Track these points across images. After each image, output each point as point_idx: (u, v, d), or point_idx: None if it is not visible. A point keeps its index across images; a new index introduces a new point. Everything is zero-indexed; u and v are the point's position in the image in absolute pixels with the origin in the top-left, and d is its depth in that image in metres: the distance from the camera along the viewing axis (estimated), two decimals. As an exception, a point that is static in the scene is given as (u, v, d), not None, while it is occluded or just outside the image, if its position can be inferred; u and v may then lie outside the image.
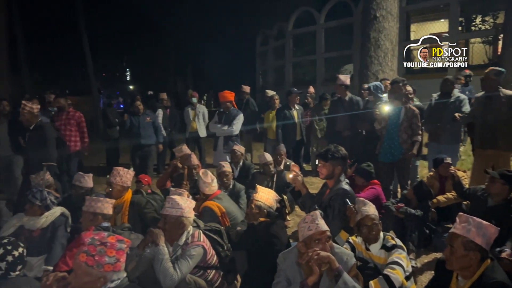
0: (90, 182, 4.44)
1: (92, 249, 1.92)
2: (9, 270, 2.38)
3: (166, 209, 2.88)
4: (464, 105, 5.53)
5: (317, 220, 2.44)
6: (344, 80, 6.39)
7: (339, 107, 6.41)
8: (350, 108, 6.29)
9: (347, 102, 6.36)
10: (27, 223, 3.64)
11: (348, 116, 6.28)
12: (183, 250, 2.88)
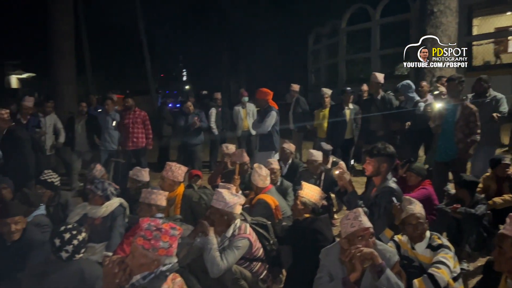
0: (147, 176, 4.72)
1: (148, 233, 2.08)
2: (75, 253, 2.63)
3: (213, 201, 3.03)
4: (502, 104, 5.24)
5: (360, 217, 2.46)
6: (380, 78, 6.24)
7: (371, 106, 6.27)
8: (383, 107, 6.13)
9: (379, 101, 6.21)
10: (90, 212, 3.96)
11: (381, 115, 6.14)
12: (230, 241, 3.02)
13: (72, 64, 10.08)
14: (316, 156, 5.19)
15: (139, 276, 2.07)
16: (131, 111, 7.00)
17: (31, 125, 6.40)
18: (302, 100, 8.56)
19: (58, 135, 6.92)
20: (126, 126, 6.91)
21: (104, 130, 7.01)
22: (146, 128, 7.04)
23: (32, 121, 6.45)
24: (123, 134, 6.99)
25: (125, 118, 6.98)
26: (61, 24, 9.73)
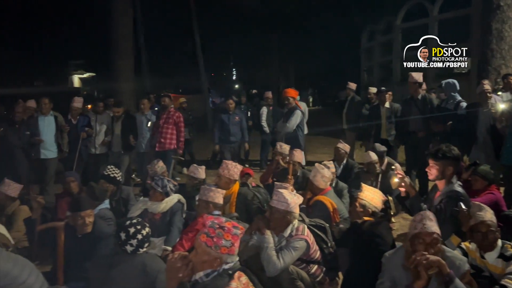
0: (203, 173, 4.84)
1: (211, 231, 2.11)
2: (138, 247, 2.73)
3: (273, 202, 3.02)
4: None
5: (425, 220, 2.36)
6: (417, 78, 5.95)
7: (411, 107, 5.99)
8: (424, 108, 5.83)
9: (420, 101, 5.91)
10: (150, 207, 4.11)
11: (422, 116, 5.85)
12: (288, 241, 3.00)
13: (130, 64, 10.53)
14: (373, 158, 5.05)
15: (202, 273, 2.11)
16: (165, 111, 6.88)
17: (81, 125, 6.58)
18: (357, 99, 8.38)
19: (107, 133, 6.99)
20: (157, 126, 6.83)
21: (139, 131, 6.96)
22: (178, 130, 6.84)
23: (82, 120, 6.64)
24: (155, 135, 6.89)
25: (160, 118, 6.90)
26: (121, 26, 10.19)
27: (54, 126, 6.12)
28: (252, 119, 9.49)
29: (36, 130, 5.85)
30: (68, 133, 6.34)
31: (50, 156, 6.09)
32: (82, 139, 6.42)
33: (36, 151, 5.88)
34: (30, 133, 5.75)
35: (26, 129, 5.71)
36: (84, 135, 6.46)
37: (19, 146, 5.72)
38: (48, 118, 6.09)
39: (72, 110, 6.58)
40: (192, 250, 2.23)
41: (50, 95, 6.54)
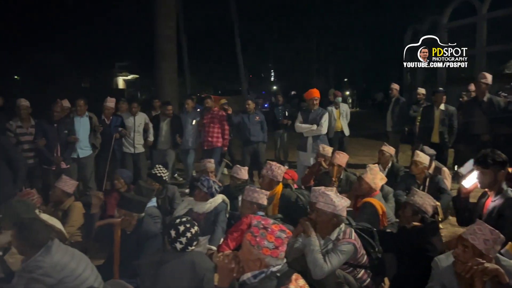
0: (246, 174, 4.88)
1: (256, 230, 2.13)
2: (188, 245, 2.79)
3: (320, 203, 3.00)
4: None
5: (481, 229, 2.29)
6: (489, 79, 5.68)
7: (475, 108, 5.70)
8: (489, 110, 5.54)
9: (485, 103, 5.62)
10: (195, 207, 4.20)
11: (487, 119, 5.56)
12: (334, 244, 2.98)
13: (174, 66, 10.74)
14: (422, 159, 4.90)
15: (250, 275, 2.13)
16: (209, 111, 7.24)
17: (114, 125, 6.72)
18: (402, 101, 8.17)
19: (148, 134, 7.13)
20: (204, 126, 7.19)
21: (184, 129, 7.23)
22: (223, 128, 7.22)
23: (115, 121, 6.78)
24: (201, 134, 7.24)
25: (204, 118, 7.26)
26: (164, 28, 10.43)
27: (88, 127, 6.36)
28: (291, 120, 9.46)
29: (72, 129, 6.12)
30: (102, 133, 6.52)
31: (86, 154, 6.35)
32: (115, 139, 6.58)
33: (73, 150, 6.14)
34: (68, 132, 5.99)
35: (64, 128, 5.95)
36: (117, 135, 6.61)
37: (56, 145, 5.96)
38: (83, 119, 6.33)
39: (105, 109, 6.75)
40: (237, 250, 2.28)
41: (96, 96, 6.80)
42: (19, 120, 5.72)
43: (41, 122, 5.83)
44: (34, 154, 5.79)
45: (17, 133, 5.66)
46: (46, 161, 5.80)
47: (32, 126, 5.80)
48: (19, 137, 5.66)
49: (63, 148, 5.91)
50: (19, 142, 5.65)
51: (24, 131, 5.72)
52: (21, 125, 5.72)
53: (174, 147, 7.20)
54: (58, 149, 5.87)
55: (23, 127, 5.73)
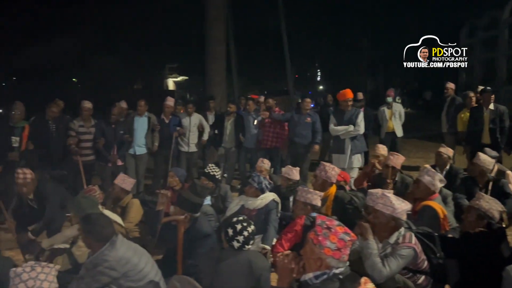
0: (297, 175, 4.86)
1: (319, 229, 2.11)
2: (245, 243, 2.82)
3: (378, 205, 2.92)
4: None
5: None
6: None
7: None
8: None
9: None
10: (246, 203, 4.25)
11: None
12: (393, 248, 2.88)
13: (223, 67, 10.96)
14: (483, 161, 4.64)
15: (312, 275, 2.11)
16: (270, 111, 7.26)
17: (173, 124, 6.95)
18: (458, 101, 7.80)
19: (203, 133, 7.43)
20: (264, 126, 7.25)
21: (246, 129, 7.39)
22: (282, 129, 7.23)
23: (173, 120, 7.01)
24: (261, 133, 7.30)
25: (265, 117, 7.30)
26: (215, 30, 10.66)
27: (146, 126, 6.63)
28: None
29: (130, 129, 6.42)
30: (161, 132, 6.75)
31: (142, 152, 6.63)
32: (175, 137, 6.82)
33: (128, 148, 6.45)
34: (124, 131, 6.30)
35: (120, 128, 6.26)
36: (176, 134, 6.84)
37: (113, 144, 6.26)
38: (142, 119, 6.63)
39: (165, 108, 6.98)
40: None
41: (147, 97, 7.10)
42: (81, 120, 6.14)
43: (100, 123, 6.24)
44: (93, 152, 6.18)
45: (79, 132, 6.08)
46: (103, 158, 6.18)
47: (93, 126, 6.21)
48: (81, 136, 6.08)
49: (118, 147, 6.26)
50: (81, 140, 6.05)
51: (85, 130, 6.14)
52: (83, 124, 6.14)
53: (238, 145, 7.37)
54: (115, 148, 6.21)
55: (85, 126, 6.15)
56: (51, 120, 5.95)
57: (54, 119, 5.97)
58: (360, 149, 6.33)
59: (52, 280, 2.07)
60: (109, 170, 6.22)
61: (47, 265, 2.09)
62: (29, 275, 2.00)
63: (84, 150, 6.04)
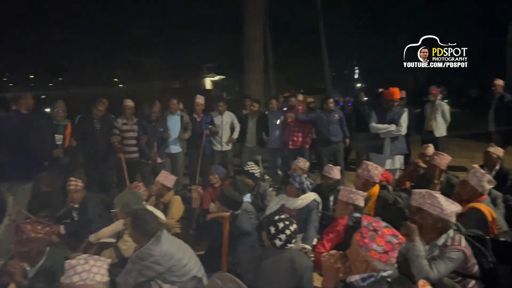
0: (338, 174, 4.79)
1: (365, 231, 2.07)
2: (287, 242, 2.81)
3: (425, 205, 2.83)
4: None
5: None
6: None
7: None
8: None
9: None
10: (287, 203, 4.23)
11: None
12: (441, 251, 2.78)
13: (260, 66, 10.95)
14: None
15: (358, 277, 2.07)
16: (293, 111, 7.05)
17: (204, 122, 6.97)
18: (508, 98, 7.42)
19: (233, 131, 7.39)
20: (286, 125, 7.06)
21: (270, 128, 7.29)
22: (307, 128, 7.05)
23: (205, 118, 7.03)
24: (285, 133, 7.13)
25: (289, 116, 7.09)
26: (252, 29, 10.67)
27: (179, 124, 6.70)
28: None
29: (165, 127, 6.53)
30: (193, 130, 6.79)
31: (177, 150, 6.71)
32: (206, 135, 6.84)
33: (166, 147, 6.55)
34: (163, 129, 6.44)
35: (160, 125, 6.40)
36: (208, 132, 6.86)
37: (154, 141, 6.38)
38: (175, 117, 6.71)
39: (196, 106, 7.01)
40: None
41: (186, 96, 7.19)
42: (125, 118, 6.30)
43: (141, 121, 6.39)
44: (136, 149, 6.32)
45: (123, 130, 6.25)
46: (144, 156, 6.32)
47: (135, 124, 6.36)
48: (124, 134, 6.24)
49: (159, 144, 6.39)
50: (124, 138, 6.22)
51: (129, 128, 6.30)
52: (126, 122, 6.31)
53: (260, 145, 7.31)
54: (155, 146, 6.34)
55: (128, 124, 6.31)
56: (96, 119, 6.11)
57: (99, 117, 6.12)
58: (400, 151, 6.11)
59: (104, 274, 2.14)
60: (149, 168, 6.37)
61: (99, 258, 2.17)
62: (83, 268, 2.09)
63: (128, 148, 6.21)
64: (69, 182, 4.47)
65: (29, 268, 2.77)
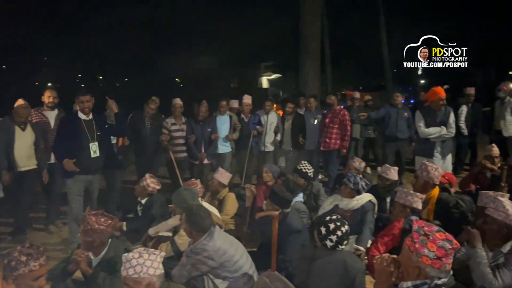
0: (395, 175, 4.62)
1: (416, 236, 1.97)
2: (338, 243, 2.76)
3: (489, 210, 2.65)
4: None
5: None
6: None
7: None
8: None
9: None
10: (341, 203, 4.15)
11: None
12: (507, 259, 2.59)
13: (317, 63, 10.78)
14: None
15: (411, 284, 1.98)
16: (331, 110, 6.80)
17: (252, 123, 6.90)
18: None
19: (277, 132, 7.19)
20: (323, 125, 6.79)
21: (307, 129, 7.03)
22: (344, 129, 6.65)
23: (253, 118, 6.97)
24: (321, 134, 6.84)
25: (326, 116, 6.84)
26: (310, 26, 10.53)
27: (228, 125, 6.71)
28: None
29: (214, 127, 6.53)
30: (241, 130, 6.77)
31: (226, 151, 6.73)
32: (253, 136, 6.79)
33: (214, 147, 6.59)
34: (211, 130, 6.44)
35: (208, 126, 6.42)
36: (255, 132, 6.81)
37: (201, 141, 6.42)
38: (224, 117, 6.72)
39: (244, 106, 6.94)
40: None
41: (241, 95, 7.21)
42: (173, 118, 6.34)
43: (190, 120, 6.42)
44: (185, 149, 6.36)
45: (171, 130, 6.28)
46: (192, 156, 6.38)
47: (184, 123, 6.39)
48: (173, 133, 6.26)
49: (206, 145, 6.41)
50: (173, 137, 6.26)
51: (177, 127, 6.32)
52: (175, 122, 6.32)
53: (296, 146, 7.08)
54: (202, 146, 6.39)
55: (177, 124, 6.33)
56: (147, 117, 6.16)
57: (150, 116, 6.17)
58: (450, 149, 5.69)
59: (158, 267, 2.23)
60: (196, 168, 6.45)
61: (153, 252, 2.27)
62: (137, 261, 2.20)
63: (176, 147, 6.24)
64: (143, 178, 4.61)
65: (93, 258, 2.97)
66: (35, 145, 5.02)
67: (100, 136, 4.68)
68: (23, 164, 4.92)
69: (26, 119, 4.92)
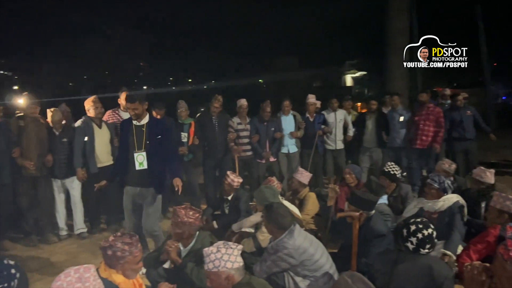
0: (492, 178, 4.28)
1: (510, 243, 1.83)
2: (419, 246, 2.61)
3: None
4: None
5: None
6: None
7: None
8: None
9: None
10: (426, 205, 3.94)
11: None
12: None
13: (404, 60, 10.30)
14: None
15: None
16: (424, 107, 6.65)
17: (317, 122, 6.82)
18: None
19: (347, 129, 7.14)
20: (416, 123, 6.61)
21: (391, 127, 6.88)
22: (439, 126, 6.51)
23: (317, 118, 6.88)
24: (411, 131, 6.70)
25: (417, 114, 6.70)
26: (397, 22, 10.10)
27: (293, 124, 6.73)
28: None
29: (279, 127, 6.57)
30: (306, 130, 6.73)
31: (294, 150, 6.76)
32: (318, 135, 6.73)
33: (282, 146, 6.64)
34: (274, 129, 6.49)
35: (272, 125, 6.48)
36: (320, 132, 6.74)
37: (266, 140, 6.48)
38: (289, 117, 6.76)
39: (308, 106, 6.90)
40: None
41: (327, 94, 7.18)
42: (239, 117, 6.49)
43: (254, 120, 6.54)
44: (250, 148, 6.47)
45: (237, 129, 6.42)
46: (258, 155, 6.48)
47: (249, 123, 6.52)
48: (239, 133, 6.41)
49: (271, 143, 6.51)
50: (239, 137, 6.40)
51: (243, 127, 6.46)
52: (240, 122, 6.48)
53: (380, 144, 6.94)
54: (267, 145, 6.48)
55: (242, 123, 6.47)
56: (214, 115, 6.26)
57: (216, 114, 6.26)
58: None
59: (235, 260, 2.33)
60: (263, 166, 6.54)
61: (231, 246, 2.38)
62: (215, 256, 2.32)
63: (242, 146, 6.37)
64: (227, 176, 4.82)
65: (183, 248, 3.19)
66: (111, 142, 5.44)
67: (148, 145, 4.06)
68: (104, 159, 5.35)
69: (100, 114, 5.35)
